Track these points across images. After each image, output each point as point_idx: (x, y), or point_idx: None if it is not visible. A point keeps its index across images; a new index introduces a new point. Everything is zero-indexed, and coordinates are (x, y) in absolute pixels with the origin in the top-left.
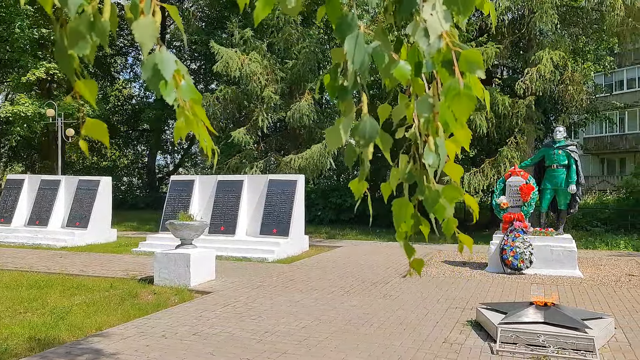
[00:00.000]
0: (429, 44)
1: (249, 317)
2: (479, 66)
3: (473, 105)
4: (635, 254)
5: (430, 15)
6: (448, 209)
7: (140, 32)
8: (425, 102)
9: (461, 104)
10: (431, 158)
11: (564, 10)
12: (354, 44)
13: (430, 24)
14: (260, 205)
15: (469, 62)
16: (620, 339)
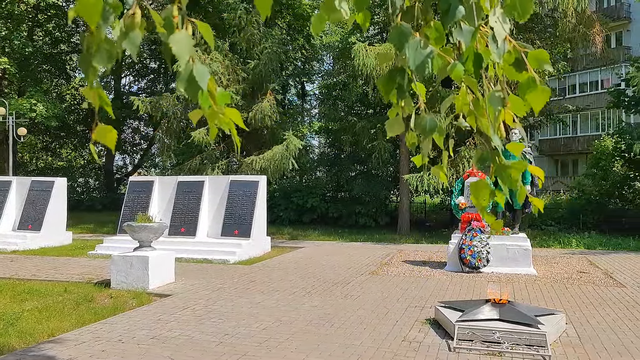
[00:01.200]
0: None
1: (209, 320)
2: (547, 62)
3: (548, 95)
4: (586, 252)
5: (495, 22)
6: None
7: (177, 46)
8: (496, 97)
9: (538, 95)
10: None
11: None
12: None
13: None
14: (221, 206)
15: (537, 59)
16: (571, 334)
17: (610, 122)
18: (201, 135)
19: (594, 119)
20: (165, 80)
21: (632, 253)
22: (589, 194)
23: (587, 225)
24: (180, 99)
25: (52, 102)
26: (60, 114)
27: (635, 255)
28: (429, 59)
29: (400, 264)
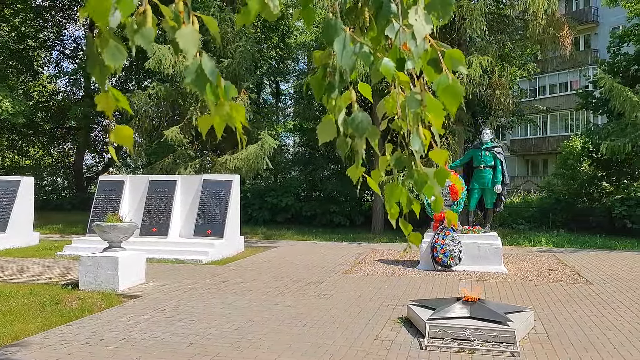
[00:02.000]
0: (416, 45)
1: (180, 321)
2: (462, 63)
3: (461, 96)
4: (555, 250)
5: (415, 20)
6: (436, 189)
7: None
8: (414, 98)
9: (451, 95)
10: (417, 145)
11: (492, 17)
12: (342, 45)
13: (416, 28)
14: (194, 205)
15: (453, 59)
16: (540, 330)
17: (578, 122)
18: (174, 134)
19: (563, 120)
20: (137, 77)
21: (598, 251)
22: (558, 193)
23: (556, 223)
24: (152, 97)
25: (19, 98)
26: (28, 110)
27: (601, 253)
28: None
29: (373, 263)
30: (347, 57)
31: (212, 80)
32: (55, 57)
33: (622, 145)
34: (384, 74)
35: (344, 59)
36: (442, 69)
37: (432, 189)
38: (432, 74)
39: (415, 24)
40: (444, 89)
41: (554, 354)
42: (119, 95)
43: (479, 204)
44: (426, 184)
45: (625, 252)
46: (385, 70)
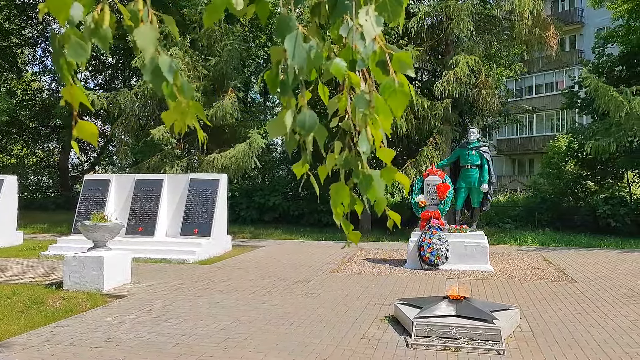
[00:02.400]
0: (365, 46)
1: (166, 321)
2: (409, 66)
3: (407, 100)
4: (541, 249)
5: (365, 20)
6: (380, 191)
7: (141, 39)
8: (363, 98)
9: (397, 99)
10: (365, 146)
11: (479, 18)
12: (294, 43)
13: (365, 29)
14: (181, 205)
15: (400, 62)
16: (525, 328)
17: (564, 122)
18: (161, 133)
19: (549, 120)
20: (123, 76)
21: (583, 249)
22: (544, 192)
23: (542, 222)
24: (138, 95)
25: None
26: (11, 108)
27: (586, 252)
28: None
29: (361, 262)
30: (298, 55)
31: (169, 79)
32: (39, 55)
33: (607, 144)
34: (335, 74)
35: (296, 56)
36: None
37: (376, 190)
38: (381, 75)
39: (365, 24)
40: (389, 93)
41: (539, 352)
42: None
43: (465, 203)
44: (371, 186)
45: (609, 250)
46: (336, 70)
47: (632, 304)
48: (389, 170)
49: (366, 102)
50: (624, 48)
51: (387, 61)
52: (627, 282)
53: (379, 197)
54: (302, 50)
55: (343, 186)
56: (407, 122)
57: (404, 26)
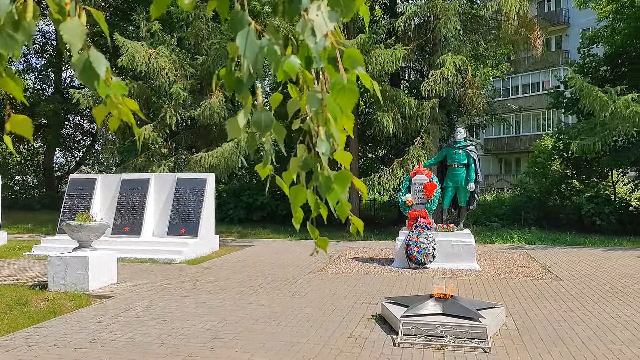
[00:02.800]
0: (316, 42)
1: (152, 321)
2: (360, 63)
3: (356, 98)
4: (527, 247)
5: (316, 15)
6: (341, 193)
7: (68, 33)
8: (314, 96)
9: (345, 97)
10: (324, 146)
11: (466, 17)
12: (245, 40)
13: (316, 24)
14: (167, 204)
15: (351, 59)
16: (510, 326)
17: (550, 122)
18: (147, 132)
19: (535, 119)
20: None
21: (568, 247)
22: (530, 191)
23: (528, 221)
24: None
25: None
26: None
27: (571, 250)
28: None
29: (348, 261)
30: (250, 51)
31: (100, 75)
32: (23, 53)
33: (592, 144)
34: (289, 72)
35: (248, 53)
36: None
37: (337, 193)
38: (333, 72)
39: (317, 19)
40: (338, 90)
41: (524, 349)
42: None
43: (452, 201)
44: (331, 188)
45: (594, 249)
46: (289, 68)
47: (616, 302)
48: (344, 175)
49: (318, 100)
50: (608, 48)
51: (338, 58)
52: (611, 280)
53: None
54: (254, 47)
55: (302, 189)
56: (394, 122)
57: (392, 25)
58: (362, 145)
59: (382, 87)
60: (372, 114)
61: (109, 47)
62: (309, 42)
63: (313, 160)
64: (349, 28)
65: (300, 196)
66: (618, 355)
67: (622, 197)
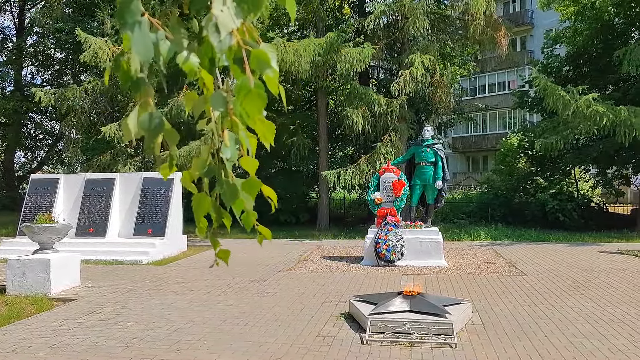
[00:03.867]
0: (220, 40)
1: (116, 324)
2: (268, 65)
3: (264, 103)
4: (493, 243)
5: (220, 11)
6: (247, 202)
7: None
8: (220, 97)
9: (252, 102)
10: (228, 152)
11: (434, 17)
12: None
13: (221, 21)
14: (134, 204)
15: (259, 60)
16: (476, 322)
17: (516, 121)
18: (112, 130)
19: (501, 118)
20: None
21: (533, 243)
22: (497, 188)
23: (495, 218)
24: (88, 92)
25: None
26: None
27: (536, 246)
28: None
29: (318, 259)
30: (141, 45)
31: None
32: None
33: (555, 142)
34: (186, 71)
35: (138, 47)
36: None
37: (242, 202)
38: (240, 74)
39: (221, 15)
40: (244, 94)
41: (489, 344)
42: None
43: (420, 199)
44: (236, 196)
45: (558, 244)
46: (188, 67)
47: (578, 296)
48: (251, 183)
49: (223, 102)
50: (570, 49)
51: (244, 59)
52: (574, 274)
53: (247, 209)
54: (146, 41)
55: (205, 197)
56: (363, 119)
57: (360, 24)
58: (331, 143)
59: (352, 85)
60: (342, 112)
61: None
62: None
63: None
64: (318, 27)
65: (204, 205)
66: (579, 348)
67: (584, 193)
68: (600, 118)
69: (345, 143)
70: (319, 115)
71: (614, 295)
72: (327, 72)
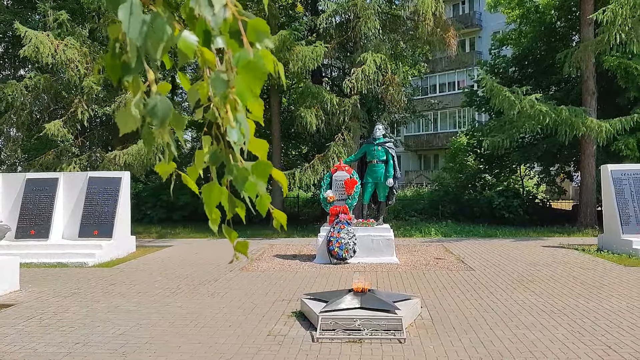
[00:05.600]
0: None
1: (58, 329)
2: (267, 35)
3: (265, 74)
4: (443, 240)
5: None
6: (260, 186)
7: None
8: (219, 78)
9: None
10: (235, 135)
11: (385, 17)
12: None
13: None
14: (79, 205)
15: (257, 31)
16: (425, 317)
17: (465, 120)
18: (56, 127)
19: (451, 117)
20: (12, 66)
21: (481, 239)
22: (447, 186)
23: (445, 214)
24: (29, 88)
25: None
26: None
27: (483, 241)
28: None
29: (270, 258)
30: (135, 27)
31: None
32: None
33: (501, 141)
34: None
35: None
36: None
37: (254, 186)
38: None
39: None
40: (244, 66)
41: (437, 338)
42: None
43: (372, 197)
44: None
45: (504, 239)
46: (185, 46)
47: (522, 289)
48: (262, 165)
49: (224, 82)
50: (516, 50)
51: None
52: (518, 268)
53: (261, 193)
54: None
55: (216, 186)
56: (316, 118)
57: (313, 22)
58: (284, 142)
59: (305, 84)
60: (295, 111)
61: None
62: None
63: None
64: (270, 24)
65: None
66: (521, 339)
67: (529, 190)
68: (544, 117)
69: (298, 142)
70: (271, 114)
71: (555, 287)
72: None
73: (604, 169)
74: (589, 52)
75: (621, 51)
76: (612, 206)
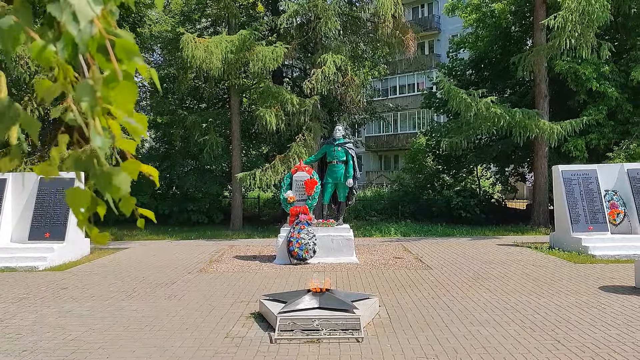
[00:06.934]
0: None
1: (4, 336)
2: (136, 54)
3: (134, 93)
4: (402, 239)
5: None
6: (123, 188)
7: None
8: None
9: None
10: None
11: (345, 19)
12: None
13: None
14: (29, 207)
15: (125, 50)
16: (383, 315)
17: (424, 121)
18: None
19: (411, 119)
20: None
21: (439, 238)
22: (407, 186)
23: (404, 214)
24: None
25: None
26: None
27: (441, 240)
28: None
29: (230, 259)
30: None
31: None
32: None
33: (459, 141)
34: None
35: None
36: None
37: (119, 189)
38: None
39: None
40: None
41: (394, 336)
42: None
43: (332, 197)
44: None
45: (461, 238)
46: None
47: (477, 286)
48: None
49: (91, 91)
50: (473, 54)
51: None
52: (474, 266)
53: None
54: None
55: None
56: (276, 118)
57: (274, 22)
58: (245, 142)
59: (265, 84)
60: (255, 111)
61: None
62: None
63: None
64: (230, 23)
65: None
66: (475, 335)
67: (485, 190)
68: (498, 119)
69: (259, 142)
70: (232, 114)
71: (509, 285)
72: (239, 70)
73: (555, 169)
74: (542, 57)
75: (571, 56)
76: (563, 205)
